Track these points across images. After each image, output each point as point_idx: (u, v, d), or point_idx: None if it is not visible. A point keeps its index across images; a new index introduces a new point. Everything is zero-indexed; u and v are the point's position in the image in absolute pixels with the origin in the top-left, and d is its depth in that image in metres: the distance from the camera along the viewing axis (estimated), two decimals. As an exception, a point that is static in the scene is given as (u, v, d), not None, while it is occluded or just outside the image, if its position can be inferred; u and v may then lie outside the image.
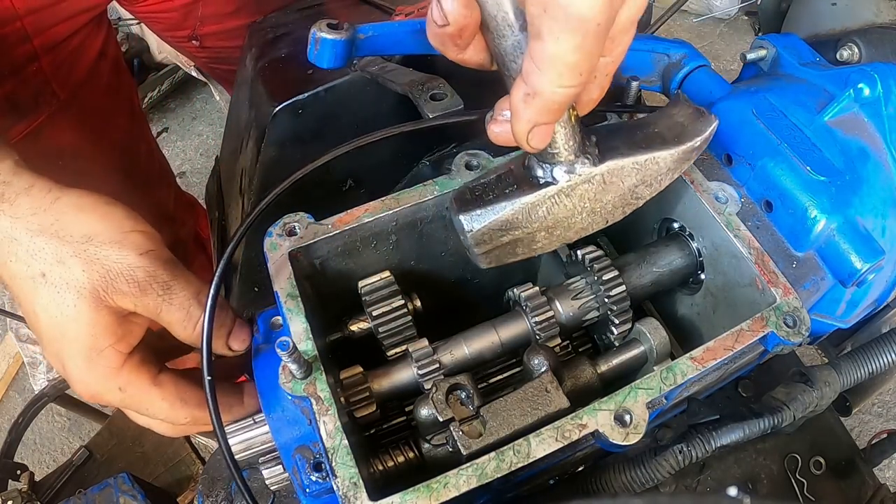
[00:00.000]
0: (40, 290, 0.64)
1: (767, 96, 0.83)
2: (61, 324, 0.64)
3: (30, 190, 0.66)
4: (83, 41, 1.29)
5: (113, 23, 2.78)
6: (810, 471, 0.96)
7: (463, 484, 0.59)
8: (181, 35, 1.51)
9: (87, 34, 1.30)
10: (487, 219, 0.66)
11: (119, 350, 0.67)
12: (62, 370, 0.67)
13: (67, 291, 0.64)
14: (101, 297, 0.64)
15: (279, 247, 0.73)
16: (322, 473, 0.64)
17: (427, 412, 0.68)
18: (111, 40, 1.41)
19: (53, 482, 1.59)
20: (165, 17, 1.48)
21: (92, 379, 0.67)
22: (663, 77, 0.95)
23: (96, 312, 0.64)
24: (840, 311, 0.81)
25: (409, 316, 0.76)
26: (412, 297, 0.79)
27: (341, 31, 0.75)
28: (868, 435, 2.12)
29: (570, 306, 0.78)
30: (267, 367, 0.71)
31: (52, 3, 1.19)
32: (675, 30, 3.56)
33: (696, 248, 0.82)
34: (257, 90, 1.11)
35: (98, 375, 0.67)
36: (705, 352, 0.67)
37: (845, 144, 0.79)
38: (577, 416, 0.62)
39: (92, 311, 0.64)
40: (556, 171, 0.65)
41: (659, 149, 0.68)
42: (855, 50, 0.99)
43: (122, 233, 0.66)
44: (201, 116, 3.48)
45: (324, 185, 1.12)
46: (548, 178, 0.65)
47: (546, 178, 0.65)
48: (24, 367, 2.81)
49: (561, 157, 0.64)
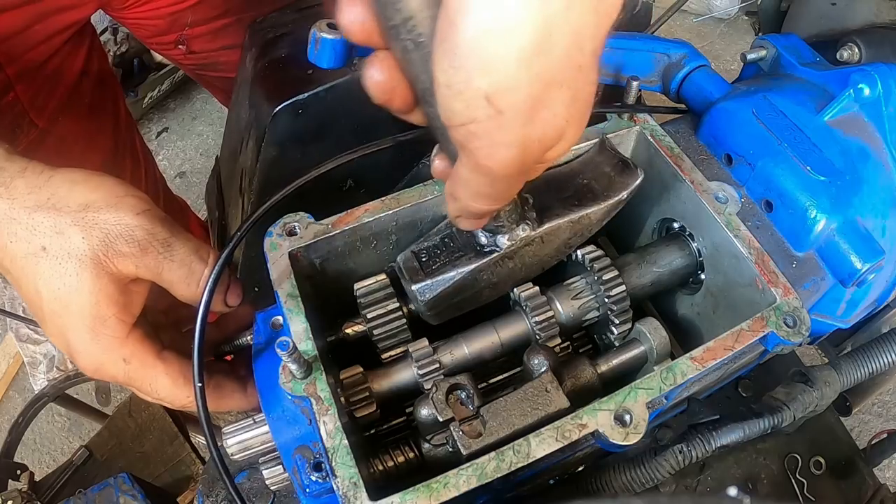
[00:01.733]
0: (41, 265, 0.64)
1: (767, 96, 0.83)
2: (64, 296, 0.64)
3: (23, 172, 0.66)
4: (62, 63, 1.23)
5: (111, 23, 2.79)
6: (810, 471, 0.96)
7: (463, 484, 0.59)
8: (167, 41, 1.47)
9: (66, 54, 1.24)
10: (438, 288, 0.71)
11: (123, 319, 0.66)
12: (66, 346, 0.67)
13: (69, 261, 0.64)
14: (102, 264, 0.64)
15: (279, 247, 0.73)
16: (322, 473, 0.64)
17: (427, 412, 0.68)
18: (94, 54, 1.35)
19: (53, 482, 1.59)
20: (152, 23, 1.44)
21: (96, 349, 0.66)
22: (663, 77, 0.95)
23: (98, 280, 0.64)
24: (840, 311, 0.81)
25: (403, 319, 0.76)
26: (407, 301, 0.79)
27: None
28: (868, 435, 2.12)
29: (570, 306, 0.78)
30: (267, 367, 0.72)
31: (24, 27, 1.12)
32: (675, 30, 3.56)
33: (696, 248, 0.82)
34: (257, 90, 1.11)
35: (102, 346, 0.66)
36: (705, 352, 0.67)
37: (845, 144, 0.79)
38: (577, 416, 0.62)
39: (94, 278, 0.64)
40: (499, 240, 0.69)
41: (590, 205, 0.73)
42: (855, 50, 0.98)
43: (116, 197, 0.66)
44: (201, 116, 3.48)
45: (324, 185, 1.12)
46: (492, 246, 0.70)
47: (490, 246, 0.70)
48: (23, 367, 2.81)
49: (504, 228, 0.68)
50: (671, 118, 0.93)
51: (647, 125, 0.84)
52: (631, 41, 0.94)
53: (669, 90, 0.95)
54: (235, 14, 1.42)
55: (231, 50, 1.43)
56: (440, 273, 0.71)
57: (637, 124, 0.84)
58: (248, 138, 1.15)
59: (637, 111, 0.85)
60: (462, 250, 0.72)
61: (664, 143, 0.82)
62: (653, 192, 0.85)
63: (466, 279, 0.71)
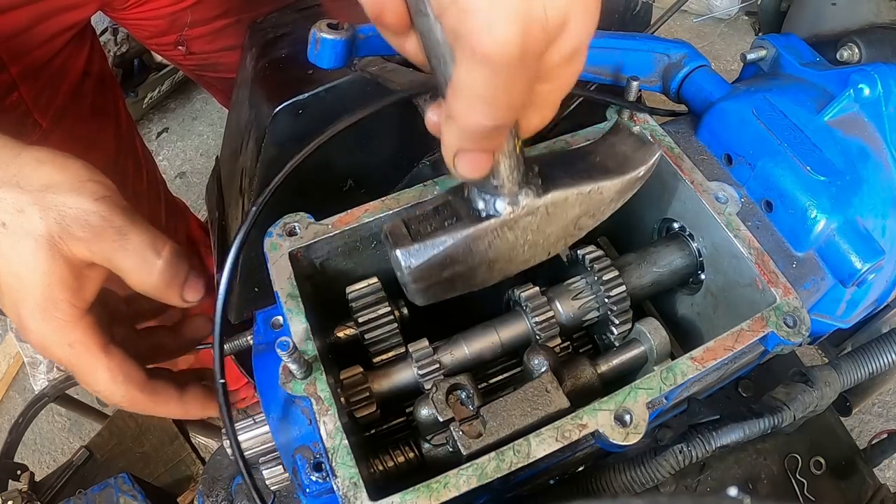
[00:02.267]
0: (1, 241, 0.65)
1: (767, 96, 0.83)
2: (19, 272, 0.65)
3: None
4: (64, 63, 1.24)
5: (111, 23, 2.79)
6: (810, 471, 0.96)
7: (463, 484, 0.59)
8: (167, 42, 1.47)
9: (68, 54, 1.25)
10: (426, 254, 0.62)
11: (74, 304, 0.67)
12: (18, 320, 0.68)
13: (26, 239, 0.65)
14: (57, 245, 0.65)
15: (279, 247, 0.73)
16: (322, 473, 0.64)
17: (427, 412, 0.68)
18: (95, 55, 1.36)
19: (53, 482, 1.59)
20: (151, 24, 1.43)
21: (45, 329, 0.67)
22: (663, 77, 0.95)
23: (52, 262, 0.65)
24: (840, 311, 0.81)
25: (395, 323, 0.75)
26: (399, 305, 0.78)
27: (341, 31, 0.75)
28: (868, 435, 2.12)
29: (570, 306, 0.78)
30: (267, 367, 0.72)
31: (27, 27, 1.13)
32: (675, 30, 3.56)
33: (697, 248, 0.82)
34: (257, 90, 1.11)
35: (51, 327, 0.67)
36: (705, 352, 0.67)
37: (845, 144, 0.79)
38: (577, 416, 0.62)
39: (49, 259, 0.65)
40: (498, 203, 0.61)
41: (602, 179, 0.66)
42: (855, 50, 0.98)
43: (79, 181, 0.67)
44: (201, 116, 3.48)
45: (324, 185, 1.12)
46: (490, 211, 0.62)
47: (488, 211, 0.62)
48: (24, 367, 2.81)
49: (504, 189, 0.60)
50: (671, 118, 0.94)
51: (647, 125, 0.84)
52: (631, 41, 0.94)
53: (669, 90, 0.95)
54: (235, 14, 1.42)
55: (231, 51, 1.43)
56: (430, 238, 0.62)
57: (637, 124, 0.84)
58: (249, 138, 1.15)
59: (638, 110, 0.85)
60: (456, 216, 0.63)
61: (664, 143, 0.82)
62: (653, 193, 0.85)
63: (459, 247, 0.62)
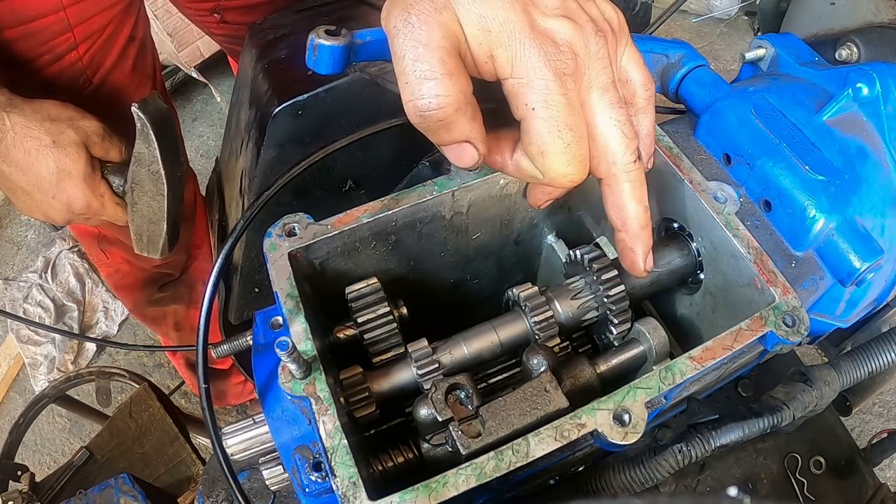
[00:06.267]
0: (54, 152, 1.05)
1: (766, 96, 0.83)
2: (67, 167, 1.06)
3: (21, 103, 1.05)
4: (115, 29, 1.37)
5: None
6: (810, 471, 0.96)
7: (462, 483, 0.59)
8: (204, 7, 1.53)
9: (119, 22, 1.37)
10: None
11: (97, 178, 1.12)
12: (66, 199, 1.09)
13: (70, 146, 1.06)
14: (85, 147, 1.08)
15: (279, 247, 0.73)
16: (322, 473, 0.65)
17: (426, 412, 0.68)
18: (141, 21, 1.48)
19: (54, 483, 1.59)
20: None
21: (86, 192, 1.09)
22: (662, 77, 0.95)
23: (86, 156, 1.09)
24: (839, 311, 0.81)
25: (394, 323, 0.75)
26: (398, 305, 0.79)
27: (339, 37, 0.75)
28: (868, 434, 2.12)
29: (570, 306, 0.78)
30: (267, 367, 0.72)
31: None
32: (675, 30, 3.57)
33: (696, 247, 0.82)
34: (257, 91, 1.11)
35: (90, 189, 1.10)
36: (704, 351, 0.67)
37: (844, 144, 0.79)
38: (576, 415, 0.62)
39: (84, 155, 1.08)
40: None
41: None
42: (854, 49, 0.99)
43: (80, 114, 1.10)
44: (202, 117, 3.48)
45: (324, 185, 1.12)
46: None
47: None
48: (24, 368, 2.81)
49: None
50: (670, 118, 0.94)
51: (646, 125, 0.84)
52: (630, 41, 0.94)
53: (668, 90, 0.95)
54: None
55: None
56: None
57: (636, 124, 0.84)
58: (248, 139, 1.15)
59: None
60: None
61: (663, 142, 0.82)
62: (651, 193, 0.85)
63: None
